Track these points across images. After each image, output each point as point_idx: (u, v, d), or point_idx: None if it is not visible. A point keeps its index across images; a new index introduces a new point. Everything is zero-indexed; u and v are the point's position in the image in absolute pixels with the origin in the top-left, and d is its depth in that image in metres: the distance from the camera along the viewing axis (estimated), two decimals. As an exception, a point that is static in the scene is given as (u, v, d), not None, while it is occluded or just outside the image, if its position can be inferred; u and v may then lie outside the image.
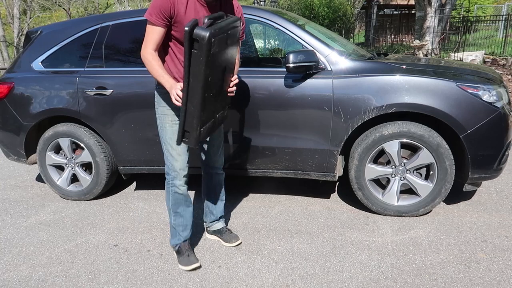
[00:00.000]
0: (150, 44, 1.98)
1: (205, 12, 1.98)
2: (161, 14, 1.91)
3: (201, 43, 1.65)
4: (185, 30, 1.64)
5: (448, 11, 11.55)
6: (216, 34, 1.71)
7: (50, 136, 3.33)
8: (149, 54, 1.99)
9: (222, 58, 1.85)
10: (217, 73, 1.84)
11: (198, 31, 1.65)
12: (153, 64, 1.98)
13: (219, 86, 1.94)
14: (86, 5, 24.98)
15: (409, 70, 2.67)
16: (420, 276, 2.15)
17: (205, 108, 1.77)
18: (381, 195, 2.84)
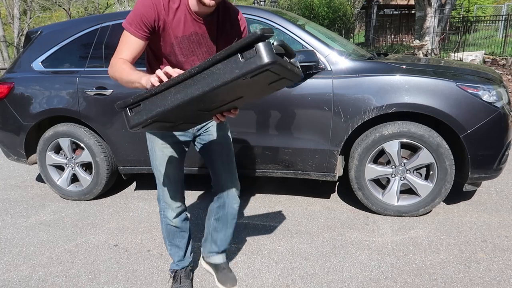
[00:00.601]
0: (123, 54, 1.57)
1: (197, 28, 1.59)
2: (142, 25, 1.53)
3: (256, 59, 1.14)
4: (255, 31, 1.14)
5: (448, 11, 11.55)
6: (275, 65, 1.18)
7: (50, 136, 3.33)
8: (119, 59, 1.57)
9: (246, 89, 1.33)
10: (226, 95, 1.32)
11: (267, 47, 1.14)
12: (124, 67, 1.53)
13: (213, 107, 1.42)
14: (86, 5, 24.98)
15: (409, 70, 2.67)
16: (420, 276, 2.15)
17: (174, 111, 1.29)
18: (381, 195, 2.84)
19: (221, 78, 1.18)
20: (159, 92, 1.29)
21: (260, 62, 1.13)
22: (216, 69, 1.19)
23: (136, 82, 1.44)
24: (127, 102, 1.33)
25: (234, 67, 1.16)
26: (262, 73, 1.17)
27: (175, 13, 1.55)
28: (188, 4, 1.55)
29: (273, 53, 1.14)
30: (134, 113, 1.34)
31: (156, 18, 1.53)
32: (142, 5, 1.52)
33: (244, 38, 1.14)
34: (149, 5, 1.51)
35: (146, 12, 1.52)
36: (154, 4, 1.51)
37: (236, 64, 1.16)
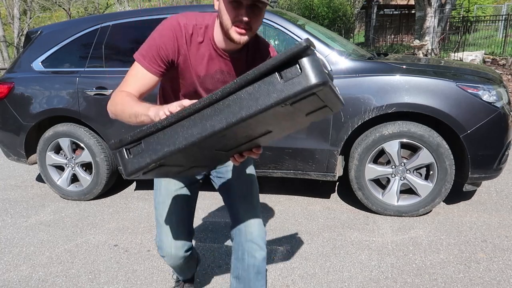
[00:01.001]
0: (129, 88, 1.28)
1: (223, 65, 1.34)
2: (158, 58, 1.27)
3: (301, 79, 0.85)
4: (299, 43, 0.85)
5: (448, 11, 11.55)
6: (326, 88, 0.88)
7: (50, 136, 3.33)
8: (123, 92, 1.26)
9: (279, 120, 1.01)
10: (253, 130, 1.01)
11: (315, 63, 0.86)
12: (128, 99, 1.22)
13: (233, 145, 1.11)
14: (86, 5, 24.98)
15: (409, 70, 2.67)
16: (420, 276, 2.15)
17: (186, 151, 0.99)
18: (381, 195, 2.84)
19: (253, 106, 0.88)
20: (167, 126, 0.98)
21: (307, 82, 0.84)
22: (245, 93, 0.89)
23: (142, 114, 1.14)
24: (124, 140, 1.02)
25: (270, 90, 0.87)
26: (306, 98, 0.89)
27: (199, 48, 1.30)
28: (213, 39, 1.30)
29: (323, 72, 0.86)
30: (133, 155, 1.01)
31: (176, 51, 1.28)
32: (160, 35, 1.27)
33: (284, 52, 0.85)
34: (168, 35, 1.26)
35: (165, 44, 1.26)
36: (175, 36, 1.26)
37: (273, 86, 0.87)
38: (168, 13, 3.12)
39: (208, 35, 1.30)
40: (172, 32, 1.26)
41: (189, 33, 1.28)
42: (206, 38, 1.30)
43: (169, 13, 3.11)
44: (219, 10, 1.22)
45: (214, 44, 1.30)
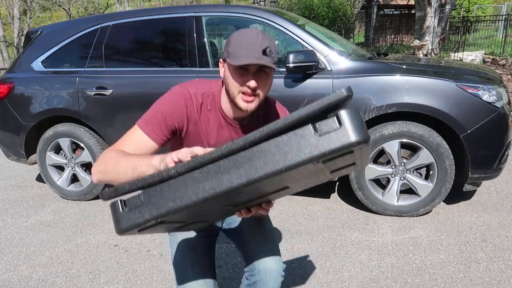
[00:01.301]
0: (124, 148, 1.15)
1: (233, 133, 1.27)
2: (164, 127, 1.18)
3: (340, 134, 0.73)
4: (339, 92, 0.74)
5: (448, 11, 11.55)
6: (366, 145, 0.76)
7: (50, 136, 3.33)
8: (117, 150, 1.13)
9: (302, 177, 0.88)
10: (271, 186, 0.88)
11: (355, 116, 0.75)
12: (123, 154, 1.09)
13: (245, 200, 0.97)
14: (86, 5, 24.98)
15: (409, 70, 2.67)
16: (420, 276, 2.15)
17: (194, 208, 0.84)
18: (381, 195, 2.84)
19: (280, 161, 0.75)
20: (174, 177, 0.83)
21: (347, 139, 0.71)
22: (272, 146, 0.76)
23: (142, 164, 0.97)
24: (120, 189, 0.86)
25: (302, 145, 0.74)
26: (342, 156, 0.77)
27: (208, 116, 1.23)
28: (221, 108, 1.24)
29: (364, 127, 0.73)
30: (129, 208, 0.85)
31: (185, 120, 1.20)
32: (169, 102, 1.18)
33: (320, 101, 0.74)
34: (179, 104, 1.18)
35: (174, 112, 1.17)
36: (185, 104, 1.18)
37: (306, 139, 0.73)
38: (168, 13, 3.12)
39: (216, 103, 1.23)
40: (183, 100, 1.18)
41: (199, 102, 1.21)
42: (214, 107, 1.23)
43: (169, 13, 3.12)
44: (225, 77, 1.17)
45: (223, 112, 1.24)
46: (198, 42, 2.99)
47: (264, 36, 1.10)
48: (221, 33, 3.95)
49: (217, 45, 3.65)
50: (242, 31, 1.13)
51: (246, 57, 1.07)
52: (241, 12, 2.99)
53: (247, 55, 1.07)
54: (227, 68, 1.14)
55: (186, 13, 3.06)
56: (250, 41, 1.08)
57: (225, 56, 1.15)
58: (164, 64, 3.13)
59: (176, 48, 3.17)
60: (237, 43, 1.10)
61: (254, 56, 1.06)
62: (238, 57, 1.08)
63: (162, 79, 3.02)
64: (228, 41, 1.14)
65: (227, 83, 1.16)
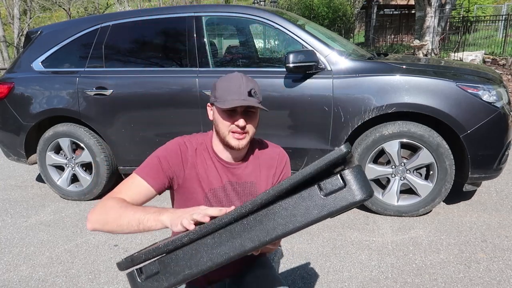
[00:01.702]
0: (119, 195, 1.15)
1: (230, 176, 1.28)
2: (160, 170, 1.19)
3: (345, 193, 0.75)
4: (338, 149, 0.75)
5: (448, 11, 11.54)
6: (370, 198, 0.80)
7: (50, 136, 3.33)
8: (114, 198, 1.12)
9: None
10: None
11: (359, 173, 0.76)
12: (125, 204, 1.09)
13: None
14: (86, 5, 24.98)
15: (409, 70, 2.67)
16: (420, 276, 2.15)
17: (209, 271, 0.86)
18: (381, 195, 2.83)
19: (290, 223, 0.77)
20: (187, 244, 0.84)
21: (353, 198, 0.73)
22: (280, 208, 0.78)
23: (150, 219, 0.98)
24: (136, 260, 0.86)
25: (310, 206, 0.76)
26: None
27: (204, 161, 1.26)
28: (214, 151, 1.28)
29: (368, 183, 0.75)
30: (145, 276, 0.87)
31: (181, 164, 1.22)
32: (164, 148, 1.23)
33: (322, 160, 0.75)
34: (174, 149, 1.22)
35: (169, 156, 1.20)
36: (179, 149, 1.22)
37: (313, 201, 0.75)
38: (168, 13, 3.12)
39: (210, 149, 1.28)
40: (177, 145, 1.23)
41: (193, 148, 1.26)
42: (209, 152, 1.28)
43: (169, 13, 3.12)
44: (215, 120, 1.23)
45: (216, 156, 1.28)
46: (198, 42, 2.99)
47: (248, 79, 1.19)
48: (221, 33, 3.95)
49: (217, 45, 3.65)
50: (227, 77, 1.20)
51: (233, 99, 1.15)
52: (241, 12, 2.99)
53: (234, 98, 1.15)
54: (216, 111, 1.22)
55: (186, 13, 3.06)
56: (236, 84, 1.16)
57: (213, 101, 1.22)
58: (164, 64, 3.13)
59: (176, 48, 3.17)
60: (223, 88, 1.18)
61: (240, 98, 1.15)
62: (226, 100, 1.16)
63: (162, 79, 3.02)
64: (215, 86, 1.21)
65: (217, 124, 1.22)
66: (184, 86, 2.95)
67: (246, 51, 3.68)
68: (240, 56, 3.54)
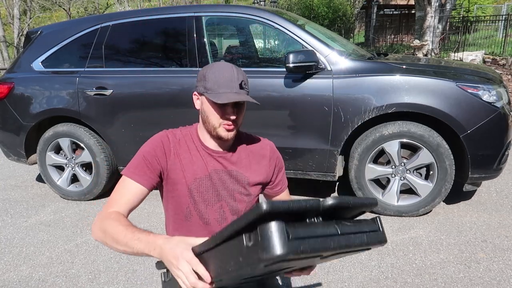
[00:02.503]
0: (113, 205, 1.15)
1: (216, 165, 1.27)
2: (145, 166, 1.19)
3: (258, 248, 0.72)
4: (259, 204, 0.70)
5: (448, 11, 11.54)
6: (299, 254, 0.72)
7: (50, 136, 3.33)
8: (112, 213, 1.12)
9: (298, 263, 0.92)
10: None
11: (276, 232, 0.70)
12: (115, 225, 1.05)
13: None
14: (86, 5, 24.98)
15: (409, 70, 2.67)
16: (420, 276, 2.15)
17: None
18: (381, 195, 2.83)
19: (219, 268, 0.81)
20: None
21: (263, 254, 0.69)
22: (219, 252, 0.82)
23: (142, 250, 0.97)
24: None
25: (237, 253, 0.76)
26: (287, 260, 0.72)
27: (189, 151, 1.24)
28: (200, 140, 1.27)
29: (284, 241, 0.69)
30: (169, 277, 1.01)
31: (163, 156, 1.21)
32: (145, 145, 1.23)
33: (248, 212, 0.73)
34: (154, 143, 1.22)
35: (152, 150, 1.20)
36: (161, 141, 1.22)
37: (239, 249, 0.76)
38: (168, 13, 3.12)
39: (195, 138, 1.27)
40: (158, 138, 1.23)
41: (176, 138, 1.25)
42: (194, 141, 1.27)
43: (169, 13, 3.12)
44: (204, 111, 1.21)
45: (202, 145, 1.26)
46: (198, 42, 2.99)
47: (238, 70, 1.17)
48: (221, 33, 3.95)
49: (217, 45, 3.65)
50: (217, 67, 1.18)
51: (226, 93, 1.14)
52: (241, 12, 2.99)
53: (227, 91, 1.14)
54: (206, 102, 1.19)
55: (186, 13, 3.06)
56: (227, 76, 1.15)
57: (202, 91, 1.19)
58: (164, 64, 3.13)
59: (176, 48, 3.17)
60: (214, 80, 1.16)
61: (233, 92, 1.15)
62: (219, 93, 1.14)
63: (162, 79, 3.02)
64: (204, 76, 1.18)
65: (207, 116, 1.20)
66: (184, 86, 2.95)
67: (246, 51, 3.68)
68: (240, 56, 3.54)
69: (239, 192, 1.28)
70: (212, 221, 1.25)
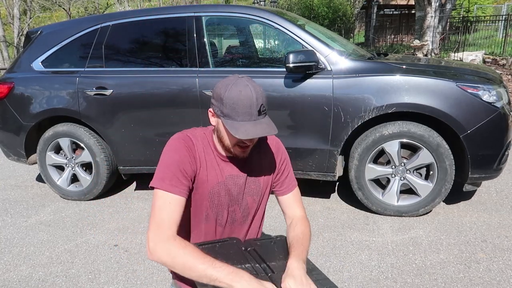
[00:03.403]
0: (166, 225, 1.09)
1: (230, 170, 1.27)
2: (181, 175, 1.14)
3: None
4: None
5: (448, 11, 11.54)
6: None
7: (50, 136, 3.33)
8: (171, 240, 1.08)
9: None
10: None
11: None
12: (187, 252, 1.05)
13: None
14: (86, 5, 24.97)
15: (409, 70, 2.67)
16: (420, 276, 2.15)
17: None
18: (381, 195, 2.83)
19: None
20: None
21: None
22: None
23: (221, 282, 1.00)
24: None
25: None
26: None
27: (207, 155, 1.24)
28: (215, 147, 1.26)
29: None
30: None
31: (194, 160, 1.19)
32: (174, 151, 1.17)
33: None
34: (182, 148, 1.18)
35: (183, 156, 1.16)
36: (188, 146, 1.19)
37: None
38: (168, 13, 3.12)
39: (211, 143, 1.26)
40: (184, 144, 1.19)
41: (199, 141, 1.23)
42: (210, 146, 1.26)
43: (169, 13, 3.12)
44: (219, 130, 1.19)
45: (216, 151, 1.25)
46: (198, 42, 2.99)
47: (257, 92, 1.11)
48: (221, 33, 3.95)
49: (217, 45, 3.65)
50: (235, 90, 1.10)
51: (244, 125, 1.10)
52: (241, 12, 2.99)
53: (245, 120, 1.10)
54: (221, 124, 1.16)
55: (186, 13, 3.06)
56: (246, 104, 1.10)
57: (219, 114, 1.15)
58: (164, 64, 3.13)
59: (176, 48, 3.17)
60: (232, 106, 1.10)
61: (251, 120, 1.10)
62: (237, 122, 1.10)
63: (162, 79, 3.02)
64: (221, 98, 1.12)
65: (221, 135, 1.19)
66: (184, 86, 2.95)
67: (246, 51, 3.68)
68: (240, 56, 3.54)
69: (251, 195, 1.31)
70: (224, 223, 1.29)
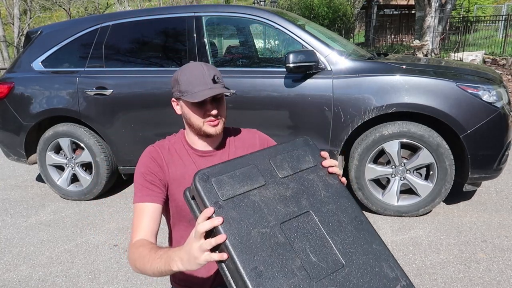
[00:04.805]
0: (135, 234, 1.14)
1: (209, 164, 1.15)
2: (150, 183, 1.19)
3: None
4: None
5: (448, 11, 11.55)
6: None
7: (50, 136, 3.33)
8: (131, 246, 1.12)
9: None
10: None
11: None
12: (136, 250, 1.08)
13: None
14: (86, 5, 24.98)
15: (409, 70, 2.67)
16: (420, 276, 2.15)
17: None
18: (381, 195, 2.83)
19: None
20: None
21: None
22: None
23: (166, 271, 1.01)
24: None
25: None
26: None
27: (180, 157, 1.25)
28: (189, 145, 1.28)
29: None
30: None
31: (160, 169, 1.21)
32: (139, 166, 1.23)
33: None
34: (146, 160, 1.22)
35: (147, 168, 1.20)
36: (152, 157, 1.22)
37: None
38: (168, 13, 3.12)
39: (184, 144, 1.28)
40: (148, 155, 1.22)
41: (166, 149, 1.25)
42: (184, 147, 1.27)
43: (169, 13, 3.12)
44: (185, 114, 1.23)
45: (192, 149, 1.27)
46: (198, 42, 2.99)
47: (208, 66, 1.17)
48: (221, 33, 3.95)
49: (217, 45, 3.65)
50: (187, 69, 1.18)
51: (201, 91, 1.14)
52: (241, 12, 2.99)
53: (201, 88, 1.14)
54: (185, 105, 1.21)
55: (186, 13, 3.06)
56: (198, 74, 1.15)
57: (178, 96, 1.20)
58: (164, 64, 3.13)
59: (176, 48, 3.17)
60: (187, 81, 1.16)
61: (207, 88, 1.14)
62: (194, 93, 1.14)
63: (162, 79, 3.02)
64: (176, 81, 1.19)
65: (189, 118, 1.21)
66: (184, 86, 2.95)
67: (246, 51, 3.68)
68: (240, 56, 3.55)
69: None
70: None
